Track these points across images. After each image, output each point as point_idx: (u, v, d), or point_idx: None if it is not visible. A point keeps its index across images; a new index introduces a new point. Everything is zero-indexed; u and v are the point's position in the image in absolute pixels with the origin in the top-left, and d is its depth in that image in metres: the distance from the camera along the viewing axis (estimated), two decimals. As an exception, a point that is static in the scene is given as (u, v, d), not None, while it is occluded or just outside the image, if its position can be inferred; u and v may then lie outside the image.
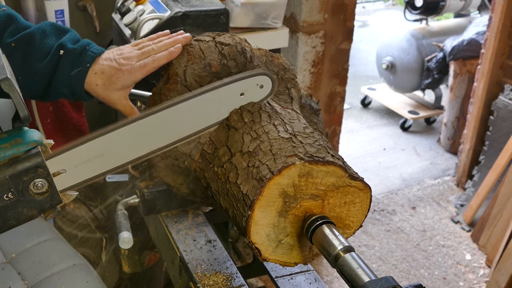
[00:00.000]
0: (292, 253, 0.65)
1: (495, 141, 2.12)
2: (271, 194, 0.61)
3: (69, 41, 0.72)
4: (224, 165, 0.66)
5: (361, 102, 3.19)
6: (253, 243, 0.62)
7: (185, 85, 0.72)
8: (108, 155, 0.63)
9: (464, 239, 2.10)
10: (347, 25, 1.65)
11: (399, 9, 4.85)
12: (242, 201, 0.62)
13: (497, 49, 2.08)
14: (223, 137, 0.69)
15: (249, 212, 0.61)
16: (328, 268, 1.87)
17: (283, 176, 0.60)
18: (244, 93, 0.69)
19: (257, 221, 0.61)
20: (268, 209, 0.62)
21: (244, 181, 0.63)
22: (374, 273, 0.56)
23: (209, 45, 0.74)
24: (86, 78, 0.70)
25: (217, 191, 0.68)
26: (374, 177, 2.48)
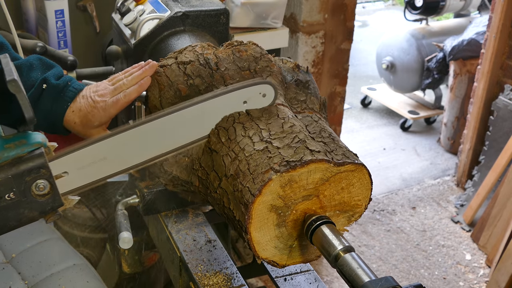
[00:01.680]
0: (309, 250, 0.65)
1: (495, 141, 2.12)
2: (260, 213, 0.61)
3: (53, 76, 0.73)
4: (217, 190, 0.67)
5: (361, 102, 3.19)
6: (265, 259, 0.63)
7: None
8: (111, 159, 0.63)
9: (464, 239, 2.10)
10: (347, 25, 1.66)
11: (399, 9, 4.85)
12: (239, 227, 0.63)
13: (497, 49, 2.08)
14: (209, 162, 0.69)
15: (247, 236, 0.61)
16: (328, 268, 1.87)
17: (265, 194, 0.60)
18: (247, 101, 0.70)
19: (258, 241, 0.62)
20: (264, 227, 0.62)
21: (235, 206, 0.63)
22: (374, 273, 0.56)
23: (172, 69, 0.73)
24: (65, 116, 0.72)
25: (220, 214, 0.69)
26: (374, 177, 2.46)
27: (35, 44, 1.17)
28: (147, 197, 0.86)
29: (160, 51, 1.02)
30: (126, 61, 1.10)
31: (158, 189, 0.87)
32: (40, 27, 1.33)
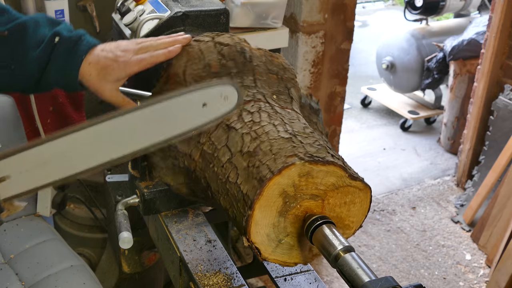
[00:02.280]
0: (292, 253, 0.65)
1: (495, 141, 2.12)
2: (271, 194, 0.61)
3: (65, 30, 0.71)
4: (224, 165, 0.66)
5: (361, 102, 3.19)
6: (253, 243, 0.62)
7: (185, 85, 0.71)
8: (58, 162, 0.58)
9: (464, 239, 2.10)
10: (347, 25, 1.66)
11: (399, 9, 4.85)
12: (242, 200, 0.62)
13: (497, 49, 2.08)
14: (223, 137, 0.68)
15: (249, 212, 0.61)
16: (328, 268, 1.87)
17: (283, 176, 0.60)
18: (206, 103, 0.63)
19: (257, 221, 0.61)
20: (268, 209, 0.62)
21: (244, 181, 0.63)
22: (374, 273, 0.56)
23: (208, 45, 0.74)
24: (80, 68, 0.69)
25: (217, 190, 0.68)
26: (374, 177, 2.48)
27: (35, 44, 1.17)
28: (147, 197, 0.86)
29: (160, 51, 1.01)
30: (126, 61, 1.09)
31: (158, 189, 0.87)
32: (40, 27, 1.33)
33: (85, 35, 0.72)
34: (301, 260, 0.66)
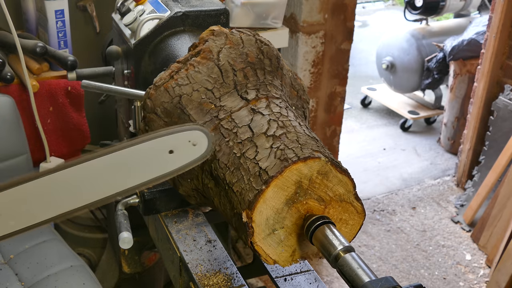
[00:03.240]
0: (277, 249, 0.65)
1: (495, 141, 2.12)
2: (289, 178, 0.61)
3: None
4: (243, 142, 0.65)
5: (361, 102, 3.19)
6: (252, 221, 0.61)
7: (217, 64, 0.71)
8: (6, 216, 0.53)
9: (464, 239, 2.10)
10: (347, 25, 1.65)
11: (399, 9, 4.85)
12: (258, 176, 0.61)
13: (497, 49, 2.08)
14: (247, 118, 0.68)
15: (263, 187, 0.60)
16: (328, 268, 1.87)
17: (307, 165, 0.61)
18: (173, 150, 0.59)
19: (266, 199, 0.61)
20: (280, 191, 0.61)
21: (264, 158, 0.62)
22: (374, 273, 0.56)
23: (249, 38, 0.74)
24: None
25: (226, 164, 0.66)
26: (374, 177, 2.48)
27: (35, 44, 1.17)
28: (147, 197, 0.86)
29: (160, 51, 1.02)
30: (126, 61, 1.10)
31: (158, 189, 0.87)
32: (40, 27, 1.33)
33: None
34: (280, 261, 0.65)
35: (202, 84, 0.71)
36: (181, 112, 0.71)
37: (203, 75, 0.72)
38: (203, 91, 0.71)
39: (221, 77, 0.72)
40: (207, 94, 0.71)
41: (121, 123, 1.28)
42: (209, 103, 0.70)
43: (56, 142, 1.29)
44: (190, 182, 0.74)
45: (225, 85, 0.72)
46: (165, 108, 0.72)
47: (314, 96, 1.71)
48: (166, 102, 0.72)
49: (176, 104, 0.71)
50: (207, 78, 0.72)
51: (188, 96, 0.71)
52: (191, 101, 0.70)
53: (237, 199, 0.64)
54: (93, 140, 1.38)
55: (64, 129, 1.31)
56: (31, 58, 1.26)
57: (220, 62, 0.72)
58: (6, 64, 1.16)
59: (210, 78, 0.71)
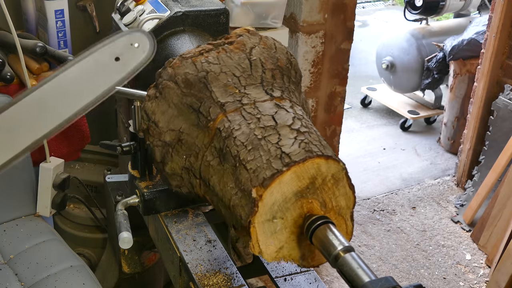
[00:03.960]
0: (269, 239, 0.64)
1: (495, 141, 2.12)
2: (307, 170, 0.61)
3: None
4: (266, 128, 0.65)
5: (361, 102, 3.19)
6: (261, 199, 0.60)
7: (249, 57, 0.72)
8: None
9: (464, 239, 2.10)
10: (347, 25, 1.65)
11: (399, 9, 4.84)
12: (279, 158, 0.61)
13: (497, 49, 2.08)
14: (272, 110, 0.68)
15: (284, 169, 0.60)
16: (328, 268, 1.87)
17: (327, 164, 0.62)
18: (119, 57, 0.60)
19: (282, 182, 0.60)
20: (295, 180, 0.61)
21: (288, 146, 0.62)
22: (374, 273, 0.56)
23: (281, 47, 0.77)
24: None
25: (243, 142, 0.65)
26: (374, 177, 2.48)
27: (35, 44, 1.17)
28: (147, 197, 0.86)
29: (160, 51, 1.01)
30: (126, 61, 1.09)
31: (158, 189, 0.87)
32: (40, 27, 1.33)
33: None
34: (266, 252, 0.63)
35: (231, 69, 0.71)
36: (204, 87, 0.70)
37: (233, 62, 0.72)
38: (230, 75, 0.71)
39: (249, 69, 0.72)
40: (233, 79, 0.71)
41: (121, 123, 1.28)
42: (234, 87, 0.71)
43: (56, 142, 1.29)
44: (185, 159, 0.72)
45: (252, 77, 0.72)
46: (187, 79, 0.71)
47: (314, 96, 1.71)
48: (190, 74, 0.71)
49: (201, 78, 0.71)
50: (236, 66, 0.72)
51: (215, 75, 0.71)
52: (217, 80, 0.70)
53: (248, 176, 0.62)
54: (93, 140, 1.38)
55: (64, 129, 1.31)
56: (31, 58, 1.25)
57: (251, 57, 0.72)
58: (6, 64, 1.16)
59: (239, 67, 0.72)
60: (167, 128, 0.72)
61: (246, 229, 0.62)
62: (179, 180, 0.75)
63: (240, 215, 0.62)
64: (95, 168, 1.47)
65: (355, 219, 2.27)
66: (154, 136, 0.74)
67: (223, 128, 0.67)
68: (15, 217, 1.17)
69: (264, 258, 0.63)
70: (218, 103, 0.69)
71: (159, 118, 0.73)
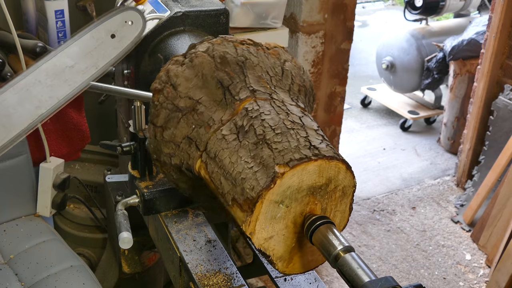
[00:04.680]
0: (265, 222, 0.62)
1: (495, 141, 2.12)
2: (330, 169, 0.63)
3: None
4: (294, 122, 0.67)
5: (361, 102, 3.19)
6: (282, 177, 0.59)
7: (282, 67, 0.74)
8: None
9: (464, 239, 2.10)
10: (347, 25, 1.65)
11: (399, 9, 4.85)
12: (308, 148, 0.62)
13: (497, 49, 2.08)
14: (298, 113, 0.69)
15: (313, 158, 0.60)
16: (328, 268, 1.87)
17: (346, 173, 0.64)
18: (114, 34, 0.63)
19: (306, 169, 0.60)
20: (317, 174, 0.62)
21: (317, 142, 0.63)
22: (374, 273, 0.56)
23: (308, 74, 0.81)
24: None
25: (271, 126, 0.65)
26: (374, 177, 2.48)
27: (35, 44, 1.17)
28: (147, 197, 0.86)
29: (160, 51, 1.01)
30: (125, 61, 1.09)
31: (158, 189, 0.87)
32: (40, 27, 1.33)
33: None
34: (256, 235, 0.62)
35: (266, 67, 0.74)
36: (240, 70, 0.72)
37: (269, 62, 0.75)
38: (265, 71, 0.74)
39: (281, 76, 0.75)
40: (266, 76, 0.73)
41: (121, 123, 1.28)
42: (266, 82, 0.73)
43: (56, 142, 1.29)
44: (193, 129, 0.70)
45: (282, 83, 0.75)
46: (225, 57, 0.72)
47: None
48: (229, 54, 0.72)
49: (239, 61, 0.72)
50: (271, 67, 0.75)
51: (252, 64, 0.72)
52: (253, 69, 0.72)
53: (271, 154, 0.62)
54: (93, 140, 1.38)
55: (64, 129, 1.31)
56: (31, 58, 1.25)
57: (284, 67, 0.76)
58: (6, 64, 1.16)
59: (273, 70, 0.75)
60: (186, 94, 0.72)
61: (251, 202, 0.60)
62: (174, 148, 0.73)
63: (251, 187, 0.61)
64: (95, 168, 1.47)
65: (355, 218, 2.28)
66: (167, 98, 0.72)
67: (252, 109, 0.68)
68: (15, 217, 1.17)
69: (252, 240, 0.62)
70: (250, 87, 0.71)
71: (181, 83, 0.72)
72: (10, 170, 1.15)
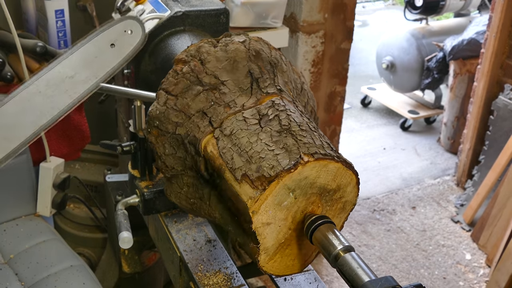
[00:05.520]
0: (271, 206, 0.62)
1: (495, 141, 2.12)
2: (343, 177, 0.63)
3: None
4: (316, 128, 0.69)
5: (361, 101, 3.19)
6: (305, 165, 0.59)
7: (301, 85, 0.79)
8: None
9: (464, 239, 2.10)
10: (347, 25, 1.65)
11: (399, 8, 4.84)
12: (331, 150, 0.63)
13: (497, 49, 2.08)
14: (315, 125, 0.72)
15: (336, 159, 0.61)
16: (328, 268, 1.87)
17: (355, 187, 0.65)
18: (114, 43, 0.64)
19: (326, 167, 0.61)
20: (331, 176, 0.63)
21: (336, 149, 0.65)
22: (374, 273, 0.56)
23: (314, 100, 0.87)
24: None
25: (296, 121, 0.66)
26: (374, 177, 2.48)
27: (35, 44, 1.17)
28: (147, 197, 0.86)
29: (160, 51, 1.01)
30: (126, 61, 1.09)
31: (158, 189, 0.87)
32: (40, 27, 1.33)
33: None
34: (258, 218, 0.61)
35: (291, 78, 0.80)
36: (271, 68, 0.74)
37: (293, 76, 0.81)
38: (290, 82, 0.79)
39: (300, 92, 0.81)
40: (291, 86, 0.79)
41: (121, 123, 1.28)
42: (290, 90, 0.76)
43: (56, 142, 1.29)
44: (211, 105, 0.70)
45: (299, 99, 0.81)
46: (260, 53, 0.75)
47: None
48: (264, 52, 0.75)
49: (272, 62, 0.76)
50: (294, 80, 0.81)
51: (282, 69, 0.77)
52: (282, 73, 0.76)
53: (295, 143, 0.62)
54: (93, 140, 1.38)
55: (64, 129, 1.31)
56: (31, 58, 1.25)
57: (303, 86, 0.82)
58: (6, 64, 1.16)
59: (294, 84, 0.80)
60: (212, 73, 0.72)
61: (266, 180, 0.60)
62: (183, 119, 0.72)
63: (271, 166, 0.60)
64: (95, 168, 1.47)
65: (355, 218, 2.28)
66: (193, 71, 0.72)
67: (278, 103, 0.69)
68: (15, 216, 1.17)
69: (252, 221, 0.60)
70: (278, 86, 0.73)
71: (211, 60, 0.72)
72: (10, 170, 1.15)
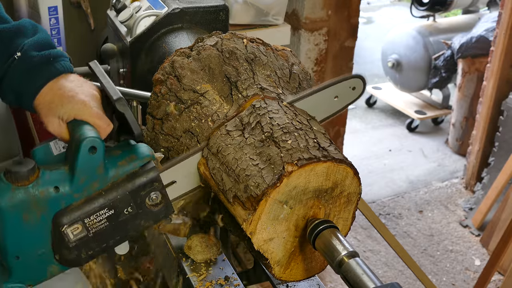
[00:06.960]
0: (267, 222, 0.61)
1: (505, 142, 2.08)
2: (337, 173, 0.62)
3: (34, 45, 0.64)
4: (303, 124, 0.67)
5: (366, 101, 3.15)
6: (290, 175, 0.59)
7: (290, 68, 0.77)
8: None
9: (473, 244, 2.05)
10: (351, 22, 1.62)
11: (405, 5, 4.80)
12: (317, 149, 0.62)
13: (507, 47, 2.04)
14: (307, 117, 0.72)
15: (322, 159, 0.60)
16: (332, 274, 1.83)
17: (353, 179, 0.64)
18: (338, 96, 0.76)
19: (314, 170, 0.60)
20: (323, 176, 0.62)
21: (326, 144, 0.64)
22: (380, 279, 0.54)
23: (314, 79, 0.87)
24: (39, 93, 0.63)
25: (279, 124, 0.65)
26: (379, 180, 2.44)
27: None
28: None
29: (157, 49, 0.99)
30: (121, 59, 1.07)
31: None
32: (35, 25, 1.31)
33: (59, 58, 0.65)
34: (255, 234, 0.60)
35: (274, 67, 0.77)
36: (248, 67, 0.74)
37: (278, 63, 0.78)
38: (273, 71, 0.77)
39: (288, 78, 0.79)
40: (274, 77, 0.76)
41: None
42: (274, 82, 0.75)
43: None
44: (196, 123, 0.70)
45: (289, 85, 0.79)
46: (234, 53, 0.76)
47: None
48: (239, 50, 0.75)
49: (248, 58, 0.75)
50: (279, 68, 0.78)
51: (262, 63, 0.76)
52: (262, 67, 0.76)
53: (278, 152, 0.61)
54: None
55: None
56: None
57: (292, 70, 0.80)
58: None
59: (281, 71, 0.79)
60: (190, 87, 0.71)
61: (254, 200, 0.59)
62: (173, 142, 0.71)
63: (256, 184, 0.59)
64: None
65: (360, 223, 2.23)
66: (170, 90, 0.71)
67: (259, 106, 0.68)
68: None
69: (252, 241, 0.61)
70: (259, 85, 0.71)
71: (186, 75, 0.71)
72: (3, 171, 1.12)
